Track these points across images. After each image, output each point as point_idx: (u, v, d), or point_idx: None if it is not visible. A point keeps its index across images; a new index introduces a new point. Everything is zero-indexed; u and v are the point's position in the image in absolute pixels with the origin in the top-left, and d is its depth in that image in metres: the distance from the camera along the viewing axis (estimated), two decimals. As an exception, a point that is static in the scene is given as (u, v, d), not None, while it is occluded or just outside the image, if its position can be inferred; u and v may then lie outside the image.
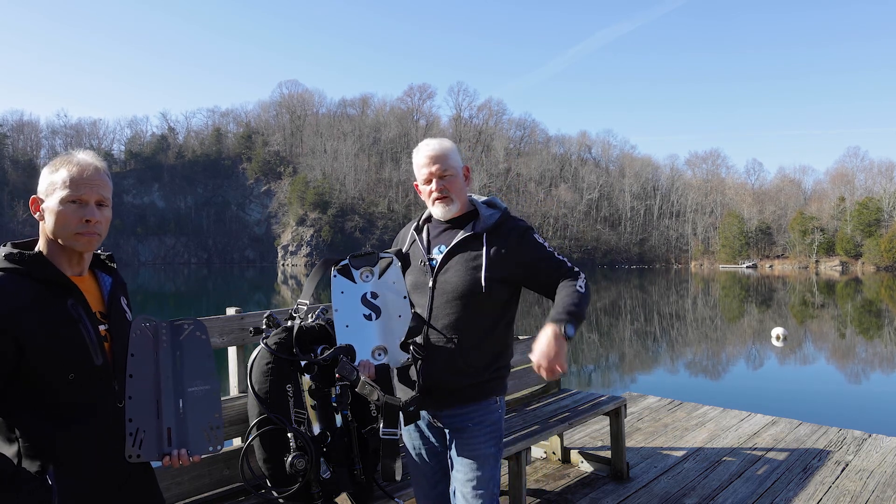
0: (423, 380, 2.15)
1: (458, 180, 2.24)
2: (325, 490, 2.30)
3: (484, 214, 2.24)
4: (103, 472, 1.61)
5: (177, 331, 1.72)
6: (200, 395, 1.70)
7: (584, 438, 4.96)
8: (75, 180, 1.60)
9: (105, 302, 1.72)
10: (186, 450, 1.66)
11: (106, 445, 1.60)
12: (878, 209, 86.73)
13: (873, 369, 13.80)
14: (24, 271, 1.54)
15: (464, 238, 2.21)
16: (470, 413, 2.19)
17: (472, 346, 2.16)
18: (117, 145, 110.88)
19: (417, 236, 2.33)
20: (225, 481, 2.61)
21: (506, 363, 2.27)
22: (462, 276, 2.16)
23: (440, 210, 2.24)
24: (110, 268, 1.81)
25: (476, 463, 2.16)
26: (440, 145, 2.24)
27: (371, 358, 2.15)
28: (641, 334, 20.46)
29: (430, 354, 2.17)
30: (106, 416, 1.61)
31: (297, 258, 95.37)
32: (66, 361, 1.53)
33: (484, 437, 2.19)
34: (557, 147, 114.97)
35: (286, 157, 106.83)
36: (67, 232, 1.60)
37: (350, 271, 2.25)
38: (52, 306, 1.54)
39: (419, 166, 2.25)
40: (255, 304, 34.79)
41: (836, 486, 4.03)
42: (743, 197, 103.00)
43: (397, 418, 2.10)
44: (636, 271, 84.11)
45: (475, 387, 2.18)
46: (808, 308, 29.43)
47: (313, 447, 2.24)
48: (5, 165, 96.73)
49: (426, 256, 2.26)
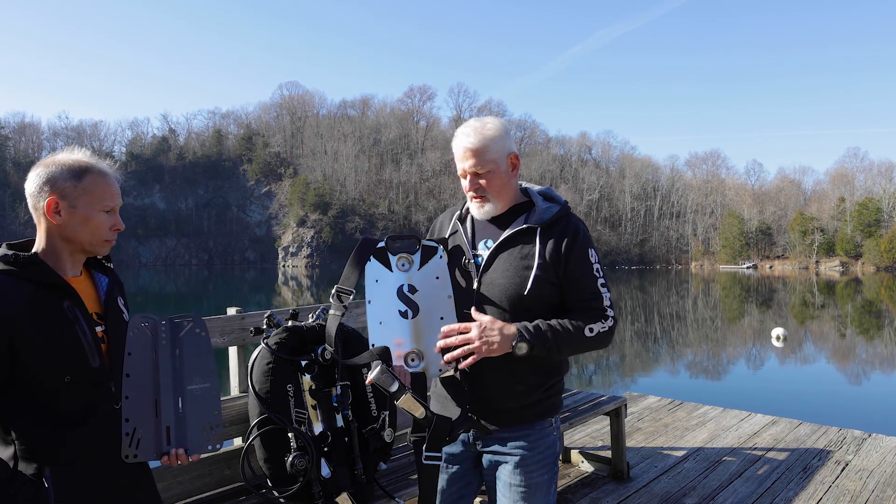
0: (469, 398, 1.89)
1: (500, 176, 1.91)
2: (326, 490, 2.31)
3: (540, 207, 1.94)
4: (100, 474, 1.60)
5: (176, 328, 1.71)
6: (200, 394, 1.69)
7: (584, 438, 4.97)
8: (110, 190, 1.65)
9: (102, 302, 1.71)
10: (185, 449, 1.65)
11: (103, 447, 1.59)
12: (877, 209, 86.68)
13: (873, 369, 13.80)
14: (20, 273, 1.53)
15: (515, 232, 1.90)
16: (521, 438, 1.92)
17: (527, 360, 1.83)
18: (118, 147, 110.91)
19: (461, 226, 2.02)
20: (226, 481, 2.62)
21: (561, 378, 1.99)
22: (510, 275, 1.87)
23: (475, 210, 1.97)
24: (107, 267, 1.79)
25: (528, 491, 1.90)
26: (478, 134, 1.88)
27: (404, 364, 1.87)
28: (642, 335, 20.45)
29: (475, 369, 1.86)
30: (103, 418, 1.60)
31: (297, 259, 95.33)
32: (62, 363, 1.53)
33: (536, 465, 1.92)
34: (558, 148, 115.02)
35: (287, 159, 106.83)
36: (98, 239, 1.65)
37: (387, 256, 1.93)
38: (48, 308, 1.54)
39: (456, 157, 1.94)
40: (255, 305, 34.80)
41: (836, 485, 4.03)
42: (743, 197, 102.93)
43: (444, 440, 1.82)
44: (636, 272, 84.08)
45: (528, 408, 1.91)
46: (809, 308, 29.42)
47: (314, 447, 2.25)
48: (7, 167, 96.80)
49: (471, 252, 1.95)
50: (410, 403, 1.74)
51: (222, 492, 2.59)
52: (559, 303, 1.91)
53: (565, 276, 1.88)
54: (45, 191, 1.59)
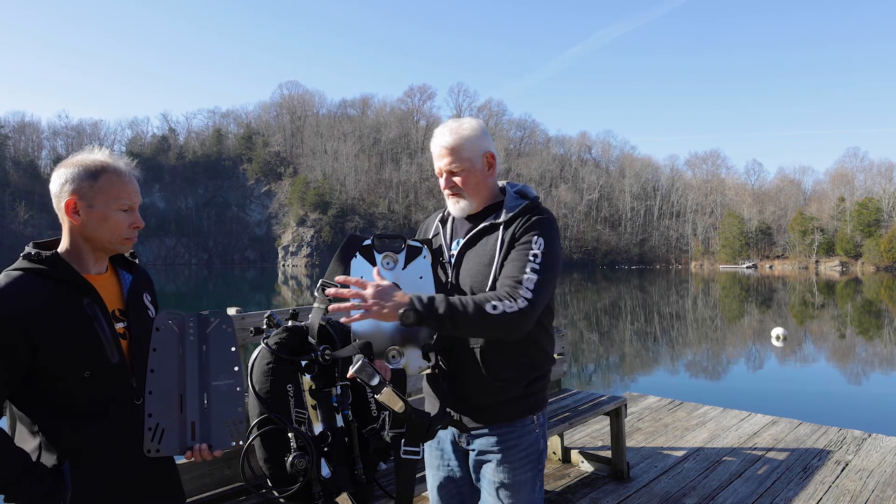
0: (449, 394, 1.92)
1: (475, 174, 1.94)
2: (326, 490, 2.30)
3: (509, 204, 1.95)
4: (120, 468, 1.62)
5: (204, 324, 1.72)
6: (224, 390, 1.70)
7: (584, 438, 4.97)
8: (126, 189, 1.67)
9: (124, 299, 1.73)
10: (209, 444, 1.66)
11: (123, 441, 1.62)
12: (877, 209, 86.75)
13: (873, 369, 13.79)
14: (41, 271, 1.57)
15: (480, 229, 1.94)
16: (503, 435, 1.92)
17: (500, 355, 1.86)
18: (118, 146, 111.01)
19: (441, 228, 2.08)
20: (225, 481, 2.62)
21: (543, 373, 1.98)
22: (475, 272, 1.91)
23: (452, 207, 2.01)
24: (133, 265, 1.82)
25: (509, 490, 1.91)
26: (454, 134, 1.93)
27: (385, 360, 1.90)
28: (642, 334, 20.45)
29: (454, 366, 1.91)
30: (123, 413, 1.62)
31: (297, 259, 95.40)
32: (80, 359, 1.56)
33: (520, 463, 1.92)
34: (557, 147, 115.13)
35: (286, 158, 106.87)
36: (117, 237, 1.67)
37: (373, 254, 1.98)
38: (68, 305, 1.57)
39: (433, 156, 1.99)
40: (255, 305, 34.80)
41: (836, 485, 4.03)
42: (743, 197, 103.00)
43: (422, 436, 1.86)
44: (636, 272, 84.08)
45: (507, 404, 1.91)
46: (808, 308, 29.42)
47: (314, 447, 2.25)
48: (7, 166, 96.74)
49: (447, 252, 2.01)
50: (390, 397, 1.78)
51: (222, 492, 2.59)
52: None
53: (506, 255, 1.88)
54: (65, 191, 1.63)
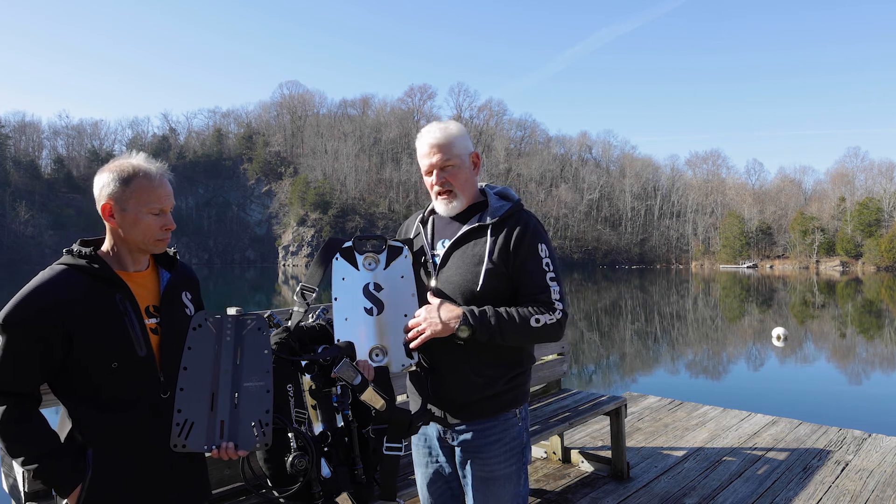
0: (431, 391, 1.96)
1: (464, 171, 1.99)
2: (326, 490, 2.31)
3: (493, 205, 2.00)
4: (144, 458, 1.69)
5: (241, 325, 1.76)
6: (254, 391, 1.73)
7: (584, 438, 4.97)
8: (157, 193, 1.75)
9: (160, 297, 1.80)
10: (235, 444, 1.69)
11: (147, 433, 1.68)
12: (878, 209, 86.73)
13: (873, 369, 13.79)
14: (80, 267, 1.68)
15: (468, 230, 1.98)
16: (485, 430, 1.96)
17: (482, 353, 1.91)
18: (118, 146, 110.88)
19: (423, 228, 2.11)
20: (226, 481, 2.63)
21: (524, 370, 2.03)
22: (463, 272, 1.94)
23: (442, 206, 2.03)
24: (173, 263, 1.89)
25: (495, 485, 1.95)
26: (443, 131, 1.99)
27: (368, 359, 1.93)
28: (642, 334, 20.45)
29: (437, 363, 1.96)
30: (148, 406, 1.69)
31: (297, 258, 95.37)
32: (109, 351, 1.65)
33: (504, 457, 1.97)
34: (558, 147, 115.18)
35: (287, 158, 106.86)
36: (149, 239, 1.76)
37: (354, 255, 2.01)
38: (101, 300, 1.67)
39: (420, 155, 2.02)
40: (255, 305, 34.80)
41: (836, 485, 4.03)
42: (743, 197, 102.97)
43: (404, 433, 1.90)
44: (637, 271, 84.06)
45: (489, 400, 1.95)
46: (809, 308, 29.41)
47: (314, 447, 2.25)
48: (7, 166, 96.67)
49: (430, 252, 2.04)
50: (372, 396, 1.83)
51: (222, 492, 2.60)
52: (511, 297, 1.96)
53: (515, 270, 1.93)
54: (102, 196, 1.73)
